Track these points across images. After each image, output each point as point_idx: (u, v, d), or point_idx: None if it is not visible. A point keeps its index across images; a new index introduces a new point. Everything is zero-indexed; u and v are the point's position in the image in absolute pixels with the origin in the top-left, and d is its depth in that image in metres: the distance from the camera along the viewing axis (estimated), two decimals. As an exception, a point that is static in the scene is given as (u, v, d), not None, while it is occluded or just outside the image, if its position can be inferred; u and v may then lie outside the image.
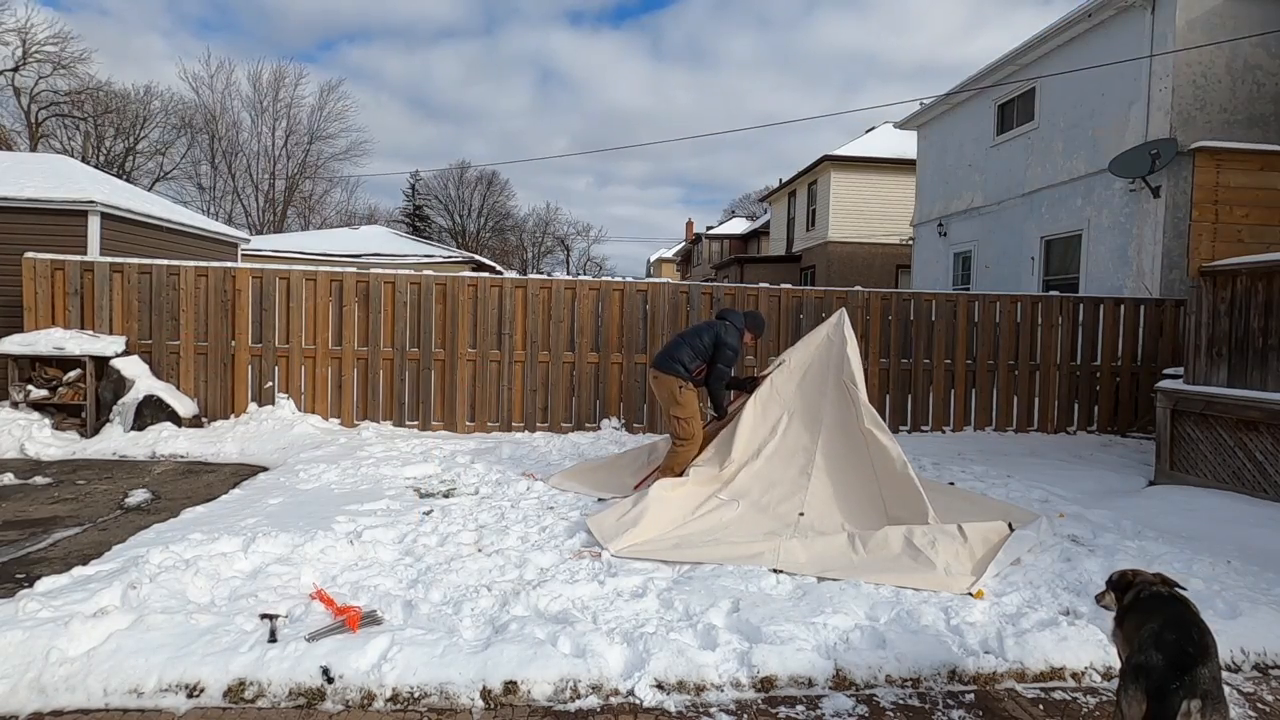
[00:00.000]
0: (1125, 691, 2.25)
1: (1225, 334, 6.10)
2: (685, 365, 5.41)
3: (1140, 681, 2.21)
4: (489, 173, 52.71)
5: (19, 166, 10.42)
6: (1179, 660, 2.19)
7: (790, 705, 2.89)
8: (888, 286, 21.08)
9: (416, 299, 8.43)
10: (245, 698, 2.77)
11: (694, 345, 5.48)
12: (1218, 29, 9.83)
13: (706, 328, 5.60)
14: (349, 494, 5.50)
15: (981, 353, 9.20)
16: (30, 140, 29.35)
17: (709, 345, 5.46)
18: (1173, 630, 2.32)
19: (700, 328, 5.65)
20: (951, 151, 15.71)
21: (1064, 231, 12.11)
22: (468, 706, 2.80)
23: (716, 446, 5.34)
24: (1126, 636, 2.53)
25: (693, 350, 5.45)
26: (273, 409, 8.04)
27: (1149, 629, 2.36)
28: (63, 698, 2.72)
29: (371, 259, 19.47)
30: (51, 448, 7.17)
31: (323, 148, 39.48)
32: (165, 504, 5.49)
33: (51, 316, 7.93)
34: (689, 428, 5.40)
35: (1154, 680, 2.18)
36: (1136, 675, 2.24)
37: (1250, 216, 6.28)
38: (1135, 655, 2.31)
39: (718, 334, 5.48)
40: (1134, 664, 2.28)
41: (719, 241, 44.62)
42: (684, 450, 5.41)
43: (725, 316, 5.66)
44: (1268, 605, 3.68)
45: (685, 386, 5.41)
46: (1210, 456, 6.16)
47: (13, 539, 4.59)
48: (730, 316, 5.66)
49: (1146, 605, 2.53)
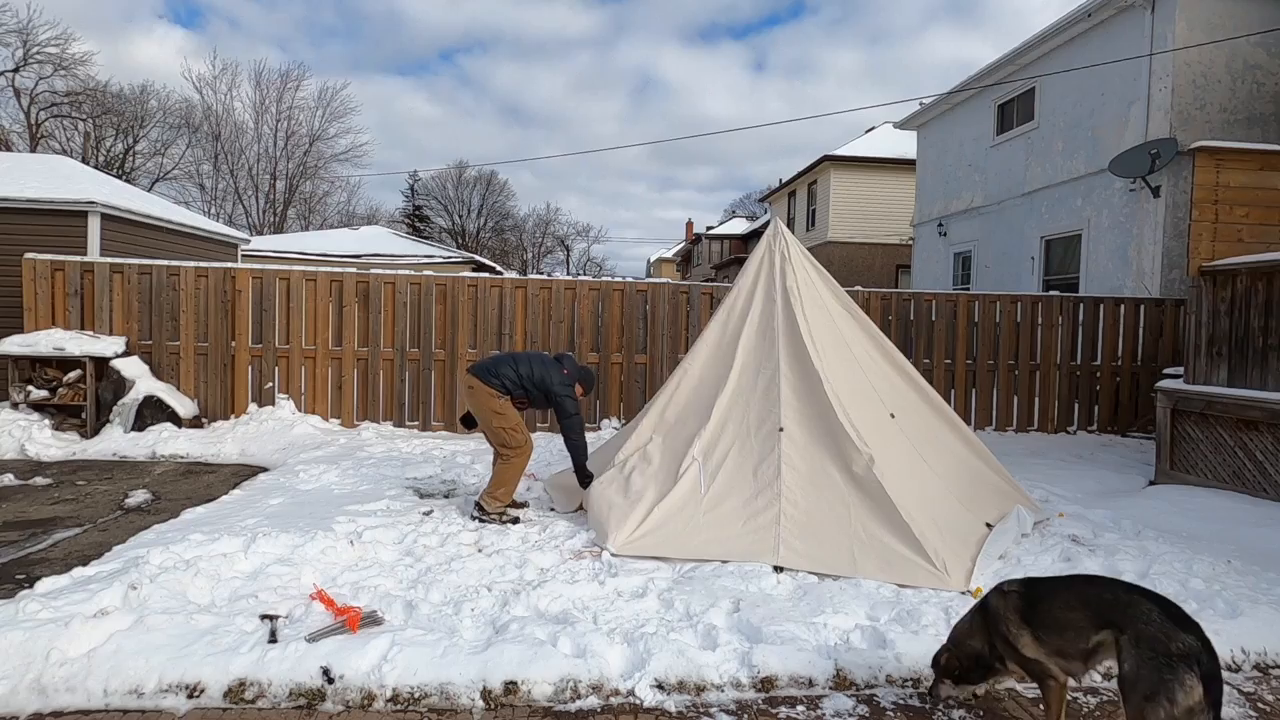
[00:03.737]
0: (1176, 679, 2.17)
1: (1225, 334, 6.10)
2: (507, 384, 4.97)
3: (1193, 666, 2.16)
4: (488, 173, 52.73)
5: (19, 167, 10.43)
6: (1201, 635, 2.18)
7: (791, 705, 2.89)
8: (888, 286, 21.09)
9: (417, 299, 8.43)
10: (245, 698, 2.77)
11: (521, 373, 5.00)
12: (1217, 28, 9.83)
13: (540, 363, 5.09)
14: (349, 494, 5.50)
15: (982, 353, 9.20)
16: (30, 141, 29.35)
17: (538, 382, 4.99)
18: (1160, 604, 2.34)
19: (533, 358, 5.12)
20: (951, 151, 15.71)
21: (1064, 231, 12.11)
22: (468, 707, 2.80)
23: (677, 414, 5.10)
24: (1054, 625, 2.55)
25: (518, 376, 4.99)
26: (273, 410, 8.05)
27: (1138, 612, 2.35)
28: (63, 698, 2.73)
29: (371, 259, 19.48)
30: (52, 448, 7.17)
31: (323, 148, 39.49)
32: (165, 505, 5.49)
33: (52, 317, 7.93)
34: (517, 436, 5.02)
35: (1204, 665, 2.15)
36: (1186, 660, 2.18)
37: (1250, 216, 6.28)
38: (1169, 641, 2.23)
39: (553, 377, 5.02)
40: (1174, 650, 2.21)
41: (719, 242, 44.64)
42: (516, 461, 5.03)
43: (562, 362, 5.22)
44: (1268, 605, 3.68)
45: (503, 398, 4.99)
46: (1210, 456, 6.15)
47: (13, 540, 4.59)
48: (566, 363, 5.22)
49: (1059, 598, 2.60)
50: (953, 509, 4.60)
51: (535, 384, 5.01)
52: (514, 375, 4.99)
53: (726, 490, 4.55)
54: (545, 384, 5.00)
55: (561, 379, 5.05)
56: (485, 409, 5.02)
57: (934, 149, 16.55)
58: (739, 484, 4.55)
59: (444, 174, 51.62)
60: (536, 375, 5.01)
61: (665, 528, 4.42)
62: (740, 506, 4.46)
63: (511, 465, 5.04)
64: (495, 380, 4.98)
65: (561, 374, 5.08)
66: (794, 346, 4.94)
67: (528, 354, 5.28)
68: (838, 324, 5.20)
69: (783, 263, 5.25)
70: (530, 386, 5.02)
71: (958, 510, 4.62)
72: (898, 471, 4.52)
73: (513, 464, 5.04)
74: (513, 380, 4.99)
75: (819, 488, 4.45)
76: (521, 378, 5.00)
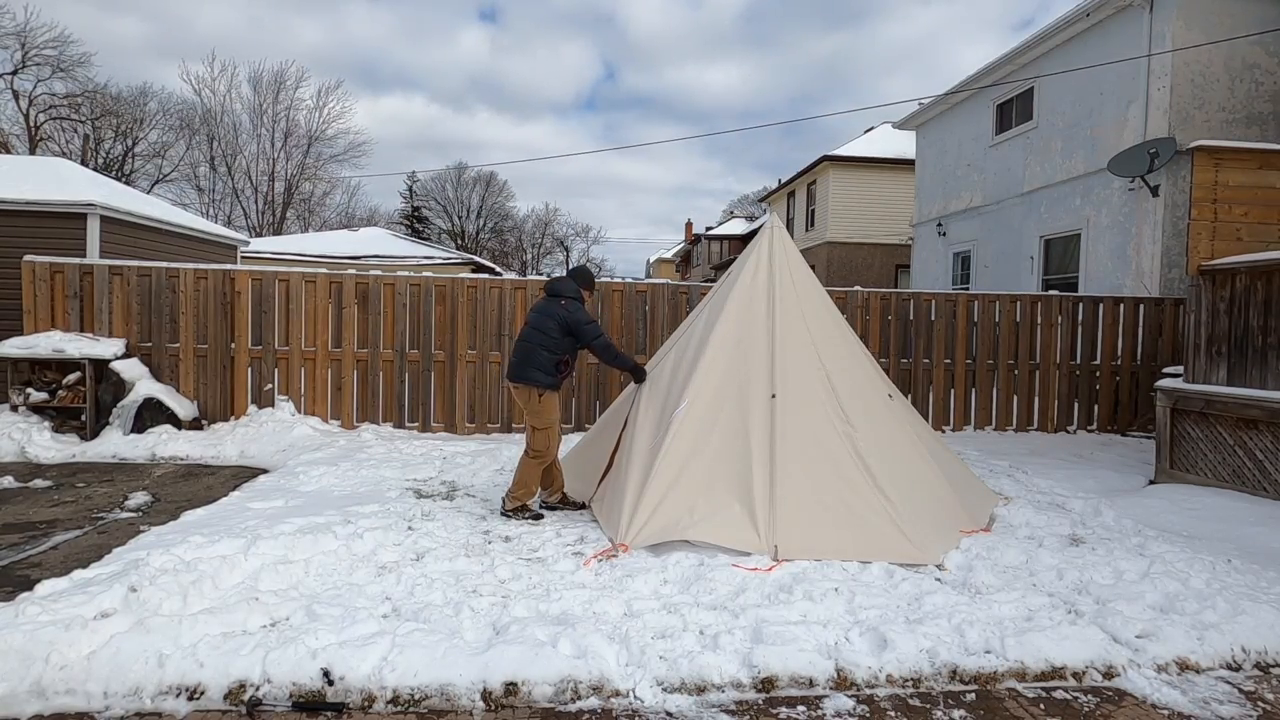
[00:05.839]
0: None
1: (1225, 332, 6.10)
2: (545, 369, 5.00)
3: None
4: (487, 174, 52.76)
5: (18, 169, 10.40)
6: None
7: (791, 705, 2.89)
8: (887, 286, 21.11)
9: (416, 301, 8.43)
10: (245, 700, 2.77)
11: (546, 344, 5.00)
12: (1216, 28, 9.84)
13: (548, 316, 5.04)
14: (349, 496, 5.50)
15: (981, 352, 9.20)
16: (29, 143, 29.35)
17: (560, 334, 4.99)
18: None
19: (541, 322, 5.05)
20: (951, 151, 15.72)
21: (1063, 231, 12.11)
22: (468, 708, 2.80)
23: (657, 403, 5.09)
24: None
25: (548, 351, 5.00)
26: (272, 411, 8.04)
27: None
28: (63, 700, 2.72)
29: (371, 261, 19.48)
30: (51, 451, 7.17)
31: (321, 149, 39.50)
32: (165, 506, 5.49)
33: (51, 319, 7.93)
34: (544, 439, 5.05)
35: None
36: None
37: (1249, 215, 6.28)
38: None
39: (563, 319, 5.00)
40: None
41: (719, 242, 44.63)
42: (536, 464, 5.07)
43: (558, 291, 5.13)
44: (1268, 604, 3.68)
45: (545, 393, 5.03)
46: (1210, 455, 6.16)
47: (13, 542, 4.59)
48: (562, 289, 5.14)
49: None
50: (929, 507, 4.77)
51: (562, 335, 5.01)
52: (545, 354, 5.00)
53: (714, 473, 4.56)
54: (570, 325, 4.99)
55: (577, 309, 5.05)
56: (525, 408, 5.14)
57: (933, 149, 16.56)
58: (728, 470, 4.56)
59: (443, 175, 51.69)
60: (554, 332, 4.99)
61: (659, 518, 4.41)
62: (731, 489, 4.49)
63: (529, 469, 5.12)
64: (534, 373, 5.00)
65: (575, 305, 5.07)
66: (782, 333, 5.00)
67: (535, 321, 5.13)
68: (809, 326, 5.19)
69: (770, 260, 5.27)
70: (561, 342, 5.02)
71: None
72: (881, 455, 4.66)
73: (530, 468, 5.12)
74: (546, 357, 5.00)
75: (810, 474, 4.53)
76: (553, 349, 5.00)
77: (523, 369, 5.03)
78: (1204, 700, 3.00)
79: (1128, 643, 3.32)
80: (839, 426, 4.67)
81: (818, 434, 4.63)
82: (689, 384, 4.81)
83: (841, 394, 4.80)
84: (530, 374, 5.00)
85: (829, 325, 5.26)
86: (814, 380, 4.83)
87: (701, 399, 4.75)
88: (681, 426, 4.65)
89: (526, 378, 5.01)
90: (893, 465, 4.67)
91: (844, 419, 4.70)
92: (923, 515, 4.54)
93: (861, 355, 5.47)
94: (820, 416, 4.70)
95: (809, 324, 5.05)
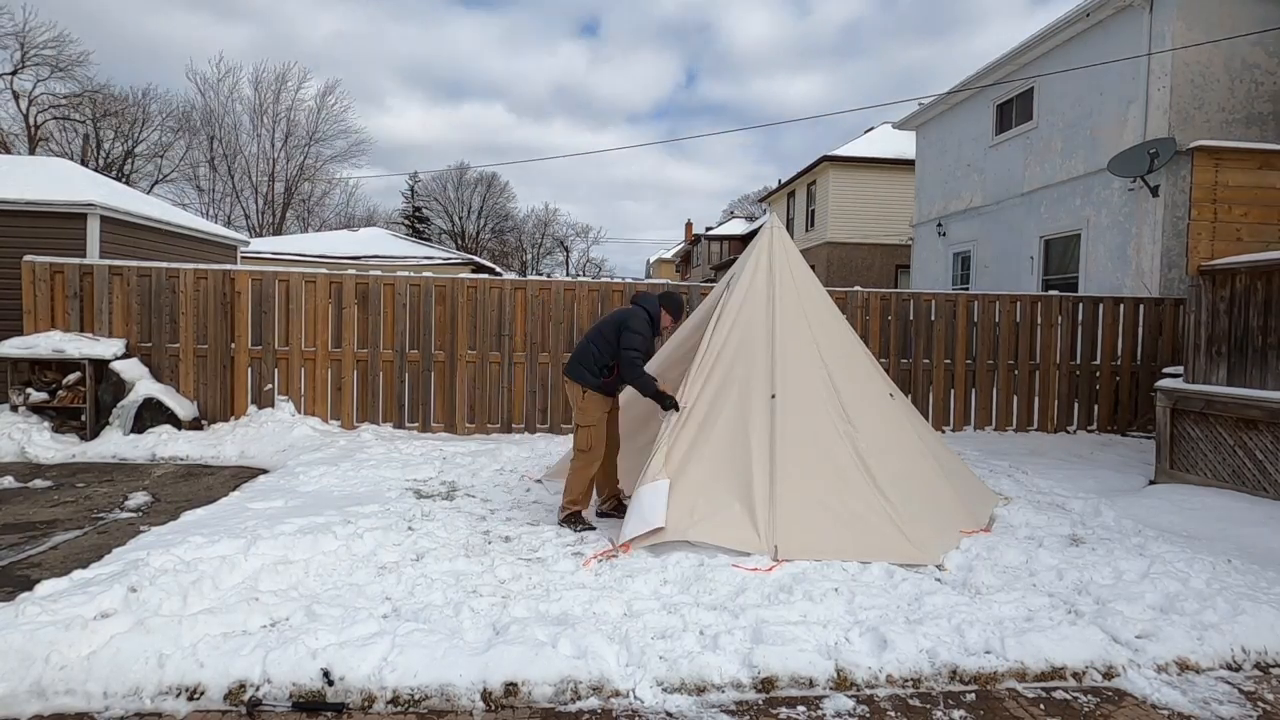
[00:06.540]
0: None
1: (1225, 333, 6.10)
2: (592, 369, 4.95)
3: None
4: (488, 174, 52.76)
5: (18, 169, 10.40)
6: None
7: (791, 706, 2.89)
8: (887, 286, 21.11)
9: (416, 301, 8.43)
10: (245, 700, 2.77)
11: (599, 343, 4.96)
12: (1216, 28, 9.83)
13: (610, 318, 5.07)
14: (349, 496, 5.50)
15: (981, 352, 9.20)
16: (29, 143, 29.35)
17: (614, 336, 4.91)
18: None
19: (604, 323, 5.08)
20: (950, 151, 15.72)
21: (1063, 231, 12.11)
22: (468, 708, 2.80)
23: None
24: None
25: (598, 350, 4.95)
26: (272, 411, 8.04)
27: None
28: (62, 700, 2.72)
29: (371, 261, 19.48)
30: (51, 451, 7.17)
31: (321, 150, 39.51)
32: (165, 506, 5.49)
33: (51, 319, 7.93)
34: (588, 438, 4.97)
35: None
36: None
37: (1249, 215, 6.28)
38: None
39: (620, 321, 4.95)
40: None
41: (719, 242, 44.63)
42: (581, 467, 4.97)
43: (638, 301, 5.13)
44: (1268, 604, 3.68)
45: (589, 392, 4.98)
46: (1210, 455, 6.16)
47: (13, 542, 4.59)
48: (643, 301, 5.12)
49: None
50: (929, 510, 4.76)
51: (615, 339, 4.92)
52: (596, 351, 4.94)
53: (714, 474, 4.54)
54: (623, 327, 4.88)
55: (639, 319, 4.93)
56: (573, 404, 5.10)
57: (933, 149, 16.56)
58: (729, 471, 4.54)
59: (444, 175, 51.69)
60: (609, 333, 4.92)
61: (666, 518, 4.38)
62: (731, 489, 4.47)
63: (577, 472, 5.00)
64: (583, 371, 4.97)
65: (639, 315, 4.96)
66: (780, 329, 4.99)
67: (603, 320, 5.15)
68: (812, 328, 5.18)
69: (770, 260, 5.27)
70: (602, 347, 4.95)
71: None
72: (882, 455, 4.67)
73: (578, 470, 4.99)
74: (595, 356, 4.95)
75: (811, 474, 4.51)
76: (605, 350, 4.93)
77: (575, 365, 5.09)
78: (1204, 700, 3.00)
79: (1128, 643, 3.32)
80: (840, 427, 4.68)
81: (818, 434, 4.63)
82: (688, 384, 4.81)
83: (842, 394, 4.81)
84: (580, 372, 5.04)
85: (830, 325, 5.27)
86: (815, 380, 4.83)
87: (702, 399, 4.75)
88: (682, 428, 4.65)
89: (576, 375, 5.06)
90: (893, 465, 4.67)
91: (845, 419, 4.71)
92: (923, 515, 4.54)
93: (862, 355, 5.48)
94: (821, 416, 4.70)
95: (810, 323, 5.06)
